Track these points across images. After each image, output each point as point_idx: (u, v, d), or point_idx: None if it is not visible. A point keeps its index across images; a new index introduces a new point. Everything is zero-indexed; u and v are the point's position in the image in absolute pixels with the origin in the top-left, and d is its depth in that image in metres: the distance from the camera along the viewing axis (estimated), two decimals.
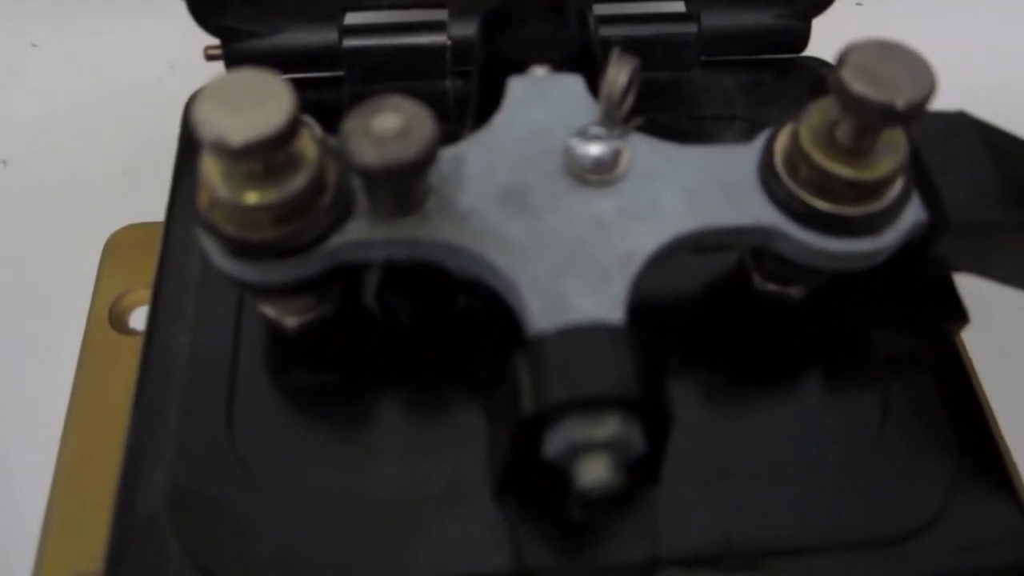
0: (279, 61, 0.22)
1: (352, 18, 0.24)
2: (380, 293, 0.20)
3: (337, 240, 0.17)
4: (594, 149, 0.18)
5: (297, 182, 0.16)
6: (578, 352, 0.15)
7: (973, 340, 0.21)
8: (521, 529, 0.17)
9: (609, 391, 0.14)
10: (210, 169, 0.16)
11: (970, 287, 0.20)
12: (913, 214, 0.18)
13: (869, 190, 0.17)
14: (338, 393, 0.19)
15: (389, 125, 0.16)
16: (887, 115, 0.15)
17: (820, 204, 0.17)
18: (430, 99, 0.16)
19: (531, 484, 0.17)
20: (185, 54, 0.34)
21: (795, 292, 0.20)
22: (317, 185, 0.16)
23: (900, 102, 0.15)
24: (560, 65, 0.19)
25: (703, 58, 0.24)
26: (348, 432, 0.19)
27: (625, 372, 0.15)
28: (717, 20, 0.24)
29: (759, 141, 0.18)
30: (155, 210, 0.29)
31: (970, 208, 0.17)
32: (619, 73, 0.17)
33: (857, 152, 0.17)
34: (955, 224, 0.17)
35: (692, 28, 0.24)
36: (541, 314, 0.16)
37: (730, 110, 0.23)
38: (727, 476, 0.18)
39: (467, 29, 0.23)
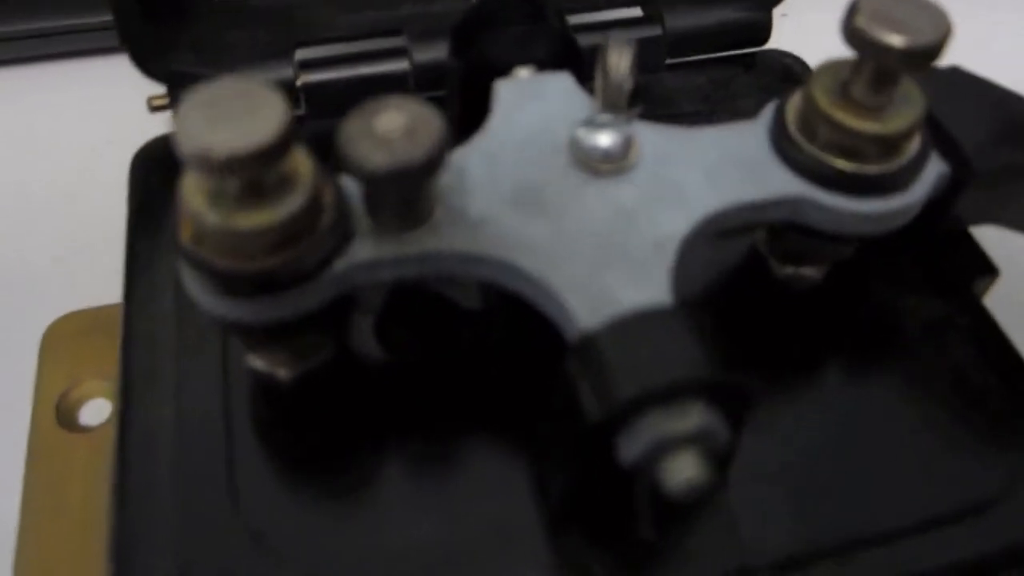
0: None
1: (304, 52, 0.22)
2: (381, 330, 0.18)
3: (343, 264, 0.15)
4: (604, 138, 0.16)
5: (296, 200, 0.14)
6: (639, 342, 0.14)
7: None
8: (589, 561, 0.15)
9: (688, 376, 0.13)
10: (193, 195, 0.14)
11: None
12: (934, 168, 0.17)
13: (892, 144, 0.16)
14: (348, 446, 0.17)
15: (394, 125, 0.14)
16: (911, 56, 0.15)
17: (845, 165, 0.16)
18: None
19: (592, 510, 0.15)
20: (112, 135, 0.32)
21: (813, 273, 0.19)
22: (315, 204, 0.15)
23: (922, 42, 0.15)
24: (543, 64, 0.18)
25: (669, 60, 0.24)
26: (368, 487, 0.17)
27: (698, 354, 0.13)
28: (680, 21, 0.23)
29: (765, 115, 0.18)
30: (93, 296, 0.26)
31: (991, 154, 0.17)
32: (620, 57, 0.16)
33: (876, 107, 0.16)
34: (980, 171, 0.17)
35: (657, 31, 0.23)
36: (585, 312, 0.15)
37: (709, 105, 0.23)
38: (791, 470, 0.17)
39: (428, 53, 0.22)
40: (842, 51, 0.16)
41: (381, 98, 0.15)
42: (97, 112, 0.32)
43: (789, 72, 0.24)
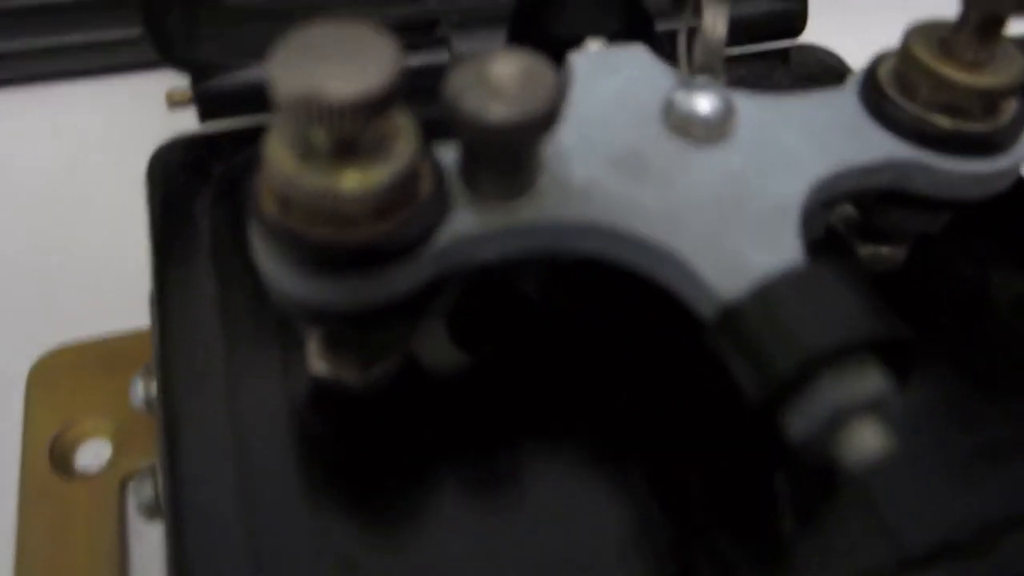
0: (262, 96, 0.19)
1: None
2: (453, 326, 0.17)
3: (446, 236, 0.13)
4: (706, 102, 0.15)
5: (401, 160, 0.13)
6: (794, 306, 0.12)
7: None
8: (735, 560, 0.14)
9: (861, 334, 0.12)
10: (282, 158, 0.12)
11: None
12: None
13: (996, 99, 0.16)
14: (422, 461, 0.15)
15: (509, 71, 0.13)
16: None
17: (948, 123, 0.16)
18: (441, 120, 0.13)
19: (731, 505, 0.14)
20: (80, 159, 0.29)
21: (894, 253, 0.19)
22: (416, 168, 0.13)
23: None
24: (614, 37, 0.17)
25: None
26: (470, 498, 0.15)
27: (864, 310, 0.12)
28: None
29: (852, 82, 0.17)
30: (80, 328, 0.24)
31: None
32: (715, 20, 0.15)
33: (979, 62, 0.16)
34: None
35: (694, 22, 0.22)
36: (719, 278, 0.13)
37: None
38: (911, 455, 0.15)
39: (468, 43, 0.21)
40: None
41: (481, 54, 0.13)
42: (70, 136, 0.30)
43: (825, 65, 0.24)
